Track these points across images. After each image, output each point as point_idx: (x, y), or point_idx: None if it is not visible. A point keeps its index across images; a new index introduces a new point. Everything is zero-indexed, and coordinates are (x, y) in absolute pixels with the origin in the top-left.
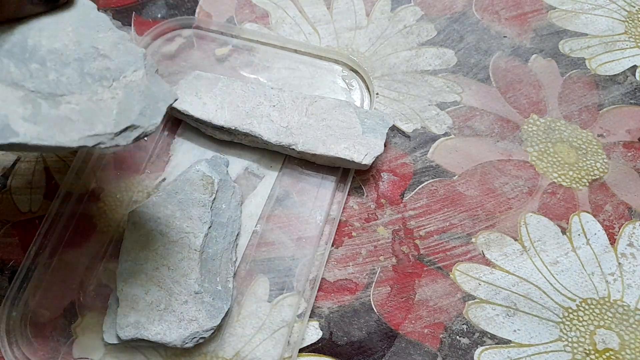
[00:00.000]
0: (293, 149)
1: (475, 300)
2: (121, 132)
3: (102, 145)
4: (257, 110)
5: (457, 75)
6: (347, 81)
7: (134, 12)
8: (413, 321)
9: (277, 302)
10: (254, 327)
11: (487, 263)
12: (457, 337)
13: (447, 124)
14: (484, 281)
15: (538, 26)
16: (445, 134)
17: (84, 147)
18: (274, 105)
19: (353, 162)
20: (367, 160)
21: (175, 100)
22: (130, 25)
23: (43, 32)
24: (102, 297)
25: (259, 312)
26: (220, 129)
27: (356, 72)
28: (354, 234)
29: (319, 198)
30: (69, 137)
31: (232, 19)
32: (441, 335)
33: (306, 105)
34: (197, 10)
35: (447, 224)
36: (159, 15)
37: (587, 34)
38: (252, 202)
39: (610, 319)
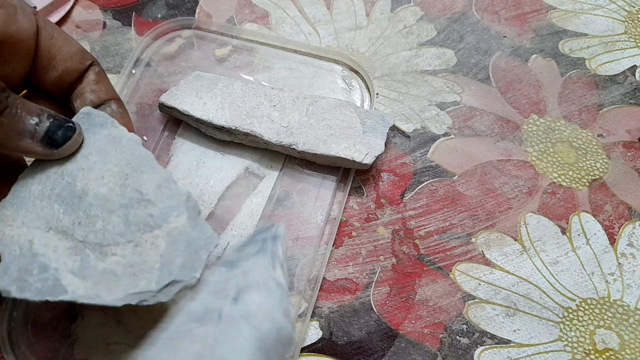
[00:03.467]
0: (294, 149)
1: (475, 300)
2: (163, 288)
3: (145, 303)
4: (257, 110)
5: (457, 75)
6: (347, 81)
7: (134, 12)
8: (413, 321)
9: None
10: None
11: (487, 263)
12: (457, 337)
13: (447, 124)
14: (484, 281)
15: (538, 26)
16: (445, 134)
17: (127, 305)
18: (274, 105)
19: (354, 161)
20: (368, 160)
21: (216, 246)
22: (130, 25)
23: (90, 173)
24: None
25: None
26: (221, 129)
27: (356, 72)
28: (354, 234)
29: (320, 198)
30: (113, 294)
31: (232, 19)
32: (441, 335)
33: (306, 105)
34: (197, 11)
35: (447, 224)
36: (159, 16)
37: (587, 34)
38: (252, 202)
39: (610, 319)
